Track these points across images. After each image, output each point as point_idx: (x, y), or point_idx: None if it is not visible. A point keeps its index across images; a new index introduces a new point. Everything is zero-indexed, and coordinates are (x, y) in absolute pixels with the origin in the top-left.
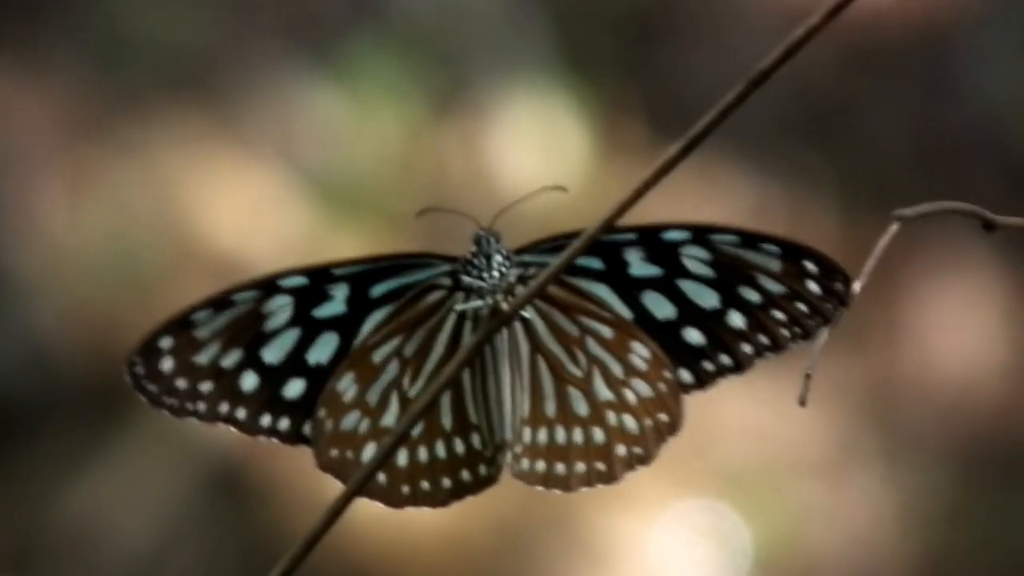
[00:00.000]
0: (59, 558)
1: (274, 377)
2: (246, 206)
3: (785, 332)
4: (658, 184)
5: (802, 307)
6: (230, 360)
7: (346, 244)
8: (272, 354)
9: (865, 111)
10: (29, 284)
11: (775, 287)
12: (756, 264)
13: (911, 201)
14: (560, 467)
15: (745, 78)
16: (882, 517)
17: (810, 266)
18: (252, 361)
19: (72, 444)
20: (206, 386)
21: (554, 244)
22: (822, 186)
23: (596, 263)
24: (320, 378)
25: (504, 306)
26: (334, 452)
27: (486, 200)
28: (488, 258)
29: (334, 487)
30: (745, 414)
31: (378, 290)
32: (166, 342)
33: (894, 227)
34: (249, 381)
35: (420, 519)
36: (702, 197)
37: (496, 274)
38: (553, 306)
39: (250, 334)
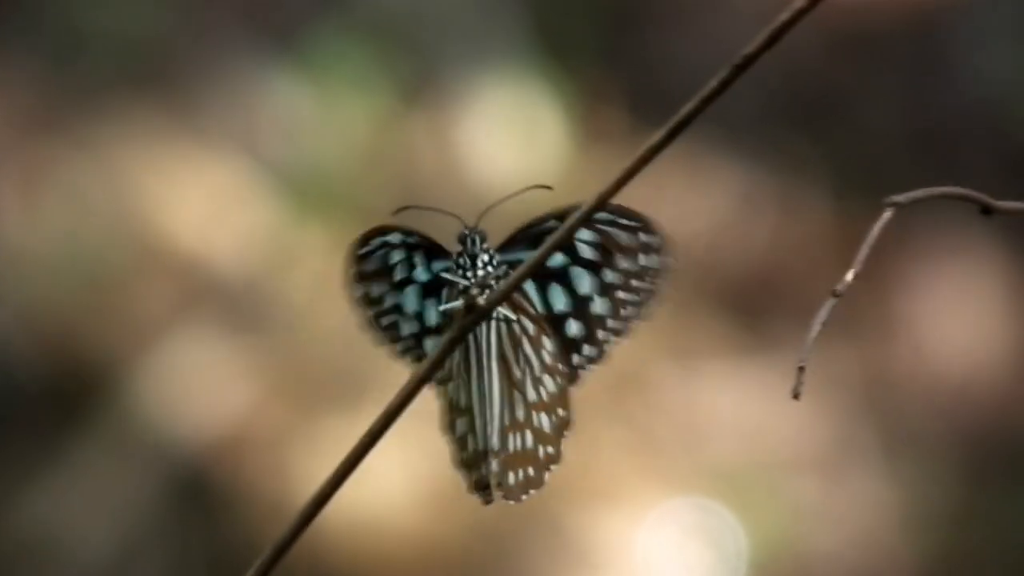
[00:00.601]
0: (14, 569)
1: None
2: (208, 202)
3: (627, 312)
4: (641, 173)
5: (638, 283)
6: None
7: (312, 237)
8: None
9: (855, 96)
10: None
11: (624, 264)
12: (618, 242)
13: (904, 188)
14: (510, 476)
15: (729, 63)
16: (879, 514)
17: (644, 237)
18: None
19: (29, 449)
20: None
21: (523, 235)
22: (812, 173)
23: (525, 255)
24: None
25: (479, 302)
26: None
27: (460, 193)
28: (473, 258)
29: (301, 493)
30: (736, 409)
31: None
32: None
33: (887, 214)
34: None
35: (396, 525)
36: (687, 186)
37: (480, 274)
38: (506, 304)
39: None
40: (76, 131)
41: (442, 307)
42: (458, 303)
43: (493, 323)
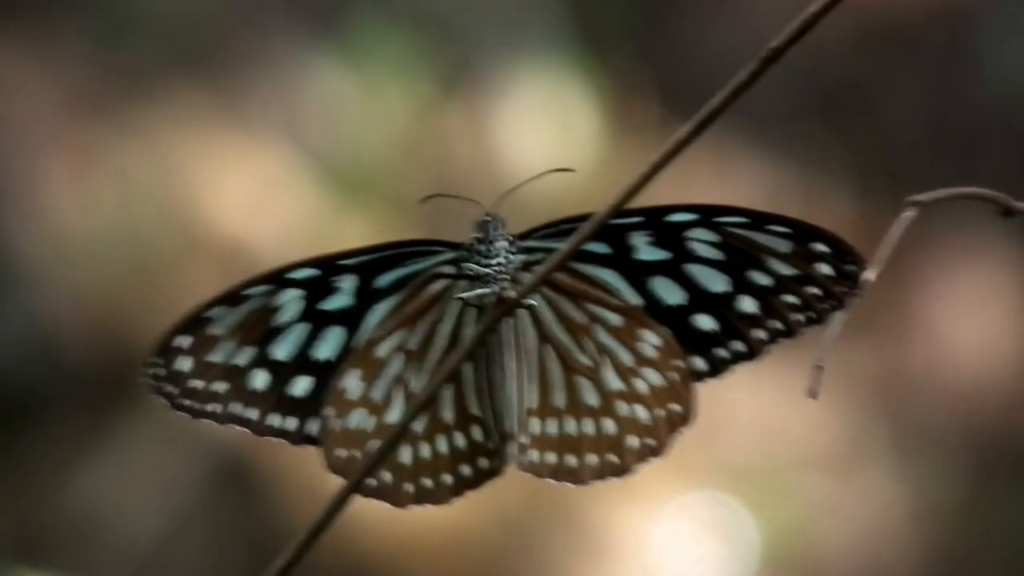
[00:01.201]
0: (65, 546)
1: (284, 374)
2: (251, 187)
3: (798, 316)
4: (669, 166)
5: (814, 290)
6: (243, 358)
7: (351, 226)
8: (282, 350)
9: (882, 91)
10: (34, 268)
11: (786, 270)
12: (765, 246)
13: (928, 185)
14: (571, 459)
15: (757, 57)
16: (892, 511)
17: (821, 248)
18: (263, 358)
19: (78, 431)
20: (220, 386)
21: (559, 228)
22: (837, 168)
23: (602, 248)
24: (327, 375)
25: (510, 294)
26: (341, 452)
27: (494, 181)
28: (492, 244)
29: (339, 477)
30: (753, 406)
31: (382, 281)
32: (183, 341)
33: (908, 214)
34: (260, 379)
35: (425, 513)
36: (714, 179)
37: (500, 260)
38: (560, 293)
39: (262, 330)
40: (125, 115)
41: (462, 295)
42: (480, 291)
43: (516, 316)
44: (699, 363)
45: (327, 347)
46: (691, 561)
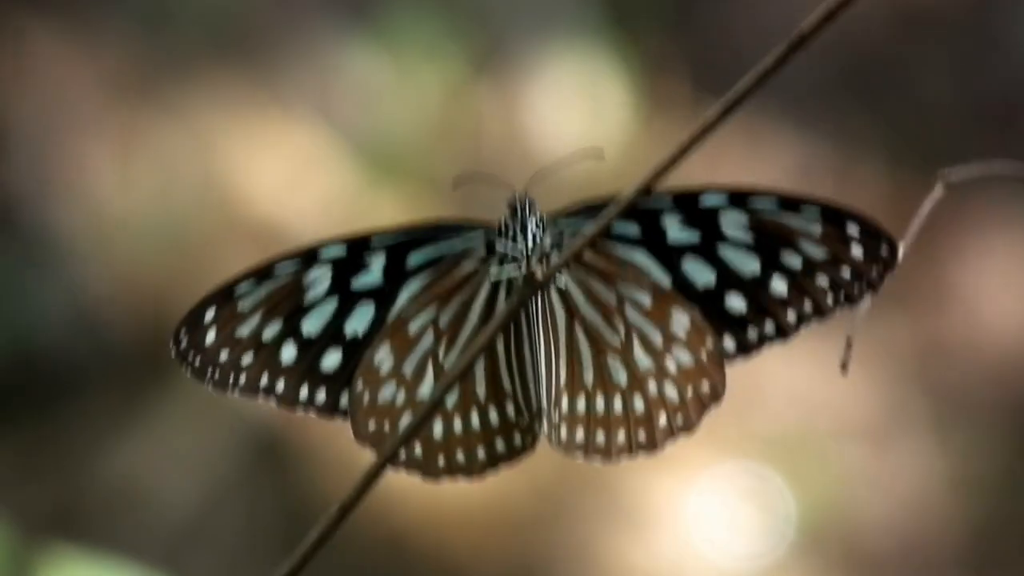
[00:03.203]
0: (102, 518)
1: (312, 349)
2: (287, 168)
3: (829, 298)
4: (700, 145)
5: (846, 272)
6: (271, 332)
7: (385, 205)
8: (311, 325)
9: (913, 69)
10: (77, 245)
11: (817, 252)
12: (797, 228)
13: (960, 159)
14: (600, 436)
15: (786, 41)
16: (929, 482)
17: (853, 229)
18: (292, 332)
19: (116, 406)
20: (247, 359)
21: (589, 208)
22: (869, 146)
23: (633, 229)
24: (357, 350)
25: (538, 273)
26: (371, 424)
27: (525, 160)
28: (523, 224)
29: (368, 450)
30: (788, 378)
31: (414, 259)
32: (210, 314)
33: (939, 189)
34: (288, 353)
35: (458, 485)
36: (746, 158)
37: (531, 240)
38: (590, 273)
39: (290, 305)
40: (165, 97)
41: (492, 274)
42: (511, 270)
43: (543, 294)
44: (729, 343)
45: (357, 322)
46: (726, 531)
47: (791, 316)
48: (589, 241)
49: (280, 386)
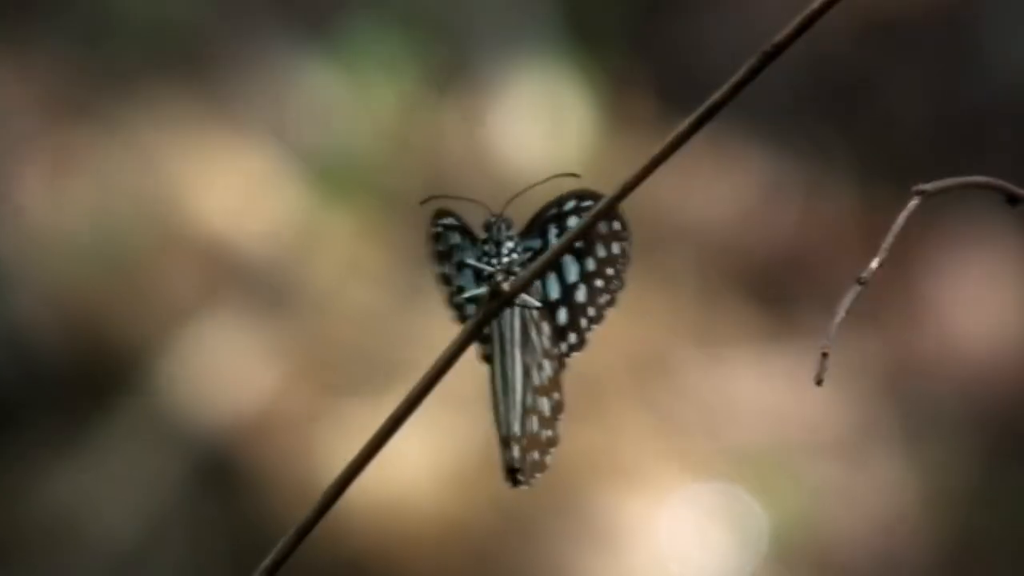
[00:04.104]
0: (39, 551)
1: None
2: (236, 187)
3: (604, 299)
4: (669, 160)
5: (611, 270)
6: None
7: (340, 226)
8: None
9: (884, 82)
10: (9, 267)
11: (602, 252)
12: (597, 229)
13: (932, 176)
14: (525, 460)
15: (759, 51)
16: (902, 497)
17: (616, 225)
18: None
19: (53, 432)
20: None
21: (545, 216)
22: (839, 160)
23: (537, 242)
24: None
25: (504, 287)
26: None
27: (488, 179)
28: (498, 244)
29: (326, 475)
30: (759, 393)
31: None
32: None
33: (914, 202)
34: None
35: (420, 505)
36: (715, 173)
37: (508, 260)
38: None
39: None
40: (105, 114)
41: (466, 294)
42: (482, 290)
43: (517, 310)
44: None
45: None
46: (698, 550)
47: (585, 323)
48: (556, 256)
49: None
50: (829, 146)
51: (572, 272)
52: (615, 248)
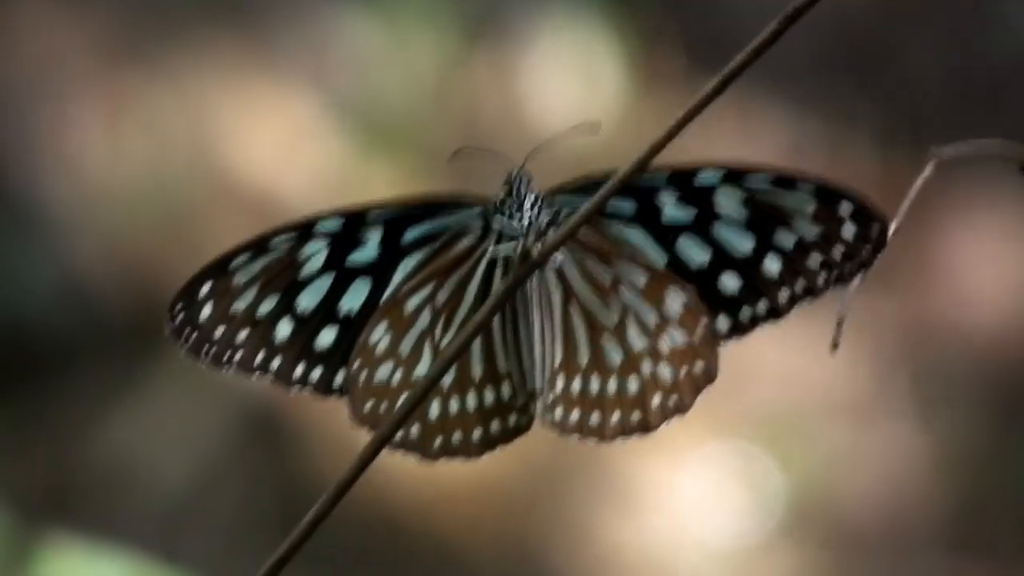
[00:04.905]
0: (94, 496)
1: (308, 326)
2: (279, 137)
3: (820, 278)
4: (694, 121)
5: (838, 251)
6: (266, 308)
7: (378, 176)
8: (306, 301)
9: (905, 44)
10: (64, 216)
11: (810, 230)
12: (790, 206)
13: (951, 137)
14: (595, 417)
15: (782, 14)
16: (915, 459)
17: (846, 208)
18: (287, 308)
19: (108, 381)
20: (243, 335)
21: (585, 185)
22: (860, 121)
23: (629, 206)
24: (352, 327)
25: (535, 251)
26: (368, 405)
27: (520, 131)
28: (520, 201)
29: (368, 431)
30: (776, 358)
31: (411, 235)
32: (205, 289)
33: (929, 168)
34: (284, 330)
35: (453, 465)
36: (739, 134)
37: (527, 217)
38: (585, 252)
39: (286, 280)
40: (156, 63)
41: (490, 252)
42: (507, 247)
43: (537, 271)
44: (722, 323)
45: (353, 299)
46: (716, 510)
47: (783, 296)
48: (585, 219)
49: (276, 364)
50: (850, 108)
51: (744, 243)
52: (848, 229)
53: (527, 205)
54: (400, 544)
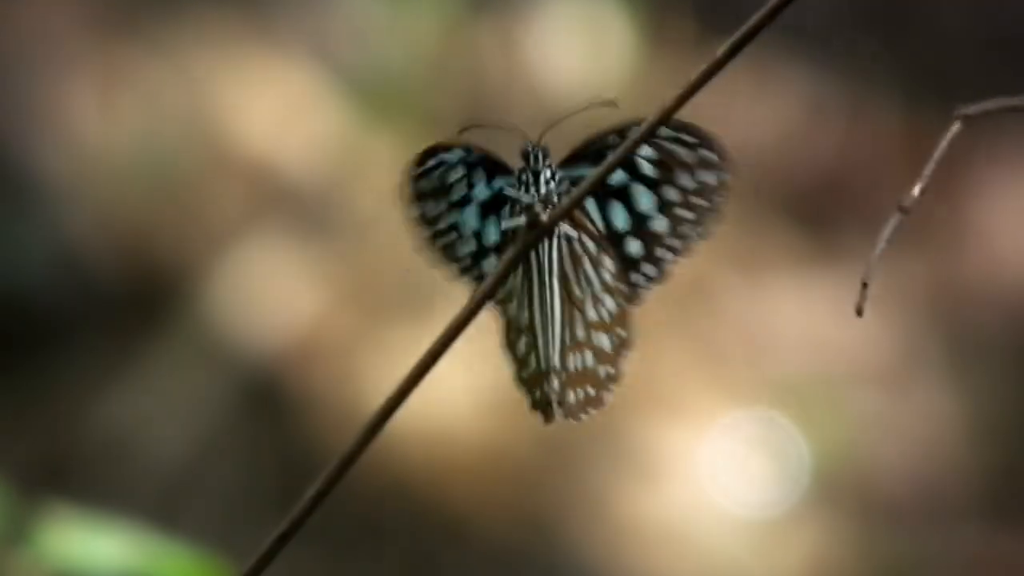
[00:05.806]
0: (94, 469)
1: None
2: (278, 107)
3: (692, 231)
4: (709, 84)
5: (702, 202)
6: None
7: (380, 145)
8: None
9: (928, 3)
10: (60, 188)
11: (688, 181)
12: (680, 158)
13: (977, 94)
14: (571, 395)
15: None
16: (945, 426)
17: (707, 153)
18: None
19: (106, 352)
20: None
21: (592, 147)
22: (882, 82)
23: (587, 171)
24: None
25: (543, 217)
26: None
27: (527, 99)
28: (536, 174)
29: (373, 397)
30: (801, 320)
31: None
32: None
33: (955, 127)
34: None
35: (463, 434)
36: (755, 94)
37: (543, 189)
38: (568, 221)
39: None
40: (151, 33)
41: (504, 224)
42: (520, 219)
43: (555, 241)
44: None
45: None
46: (739, 480)
47: (667, 255)
48: (594, 185)
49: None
50: (872, 67)
51: (645, 202)
52: (707, 177)
53: (543, 176)
54: (409, 515)
